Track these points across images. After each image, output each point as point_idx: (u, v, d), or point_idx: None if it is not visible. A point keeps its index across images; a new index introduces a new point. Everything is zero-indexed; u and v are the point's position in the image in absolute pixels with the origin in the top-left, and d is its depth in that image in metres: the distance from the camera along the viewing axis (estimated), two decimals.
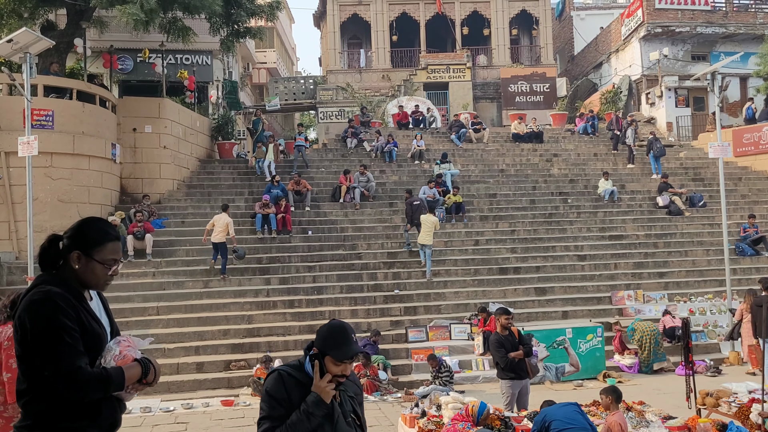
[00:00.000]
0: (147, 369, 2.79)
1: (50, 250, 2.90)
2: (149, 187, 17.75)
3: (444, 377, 11.07)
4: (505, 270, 16.29)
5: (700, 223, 19.11)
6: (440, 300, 14.94)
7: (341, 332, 2.97)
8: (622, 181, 21.18)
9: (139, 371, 2.79)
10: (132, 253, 15.21)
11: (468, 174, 21.15)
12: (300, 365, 3.04)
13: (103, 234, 2.90)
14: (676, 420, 7.14)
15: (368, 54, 32.15)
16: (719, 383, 9.63)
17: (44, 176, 14.83)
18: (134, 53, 21.59)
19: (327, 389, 2.91)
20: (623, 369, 12.53)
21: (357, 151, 22.36)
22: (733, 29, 27.53)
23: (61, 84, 16.01)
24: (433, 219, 15.60)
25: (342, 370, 2.96)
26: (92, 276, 2.87)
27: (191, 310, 13.92)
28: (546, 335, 11.99)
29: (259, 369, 11.42)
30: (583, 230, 18.38)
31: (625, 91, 28.87)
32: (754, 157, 22.52)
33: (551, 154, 23.14)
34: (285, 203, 17.08)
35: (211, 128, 21.84)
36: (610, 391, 6.17)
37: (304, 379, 2.97)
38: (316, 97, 29.03)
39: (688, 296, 15.06)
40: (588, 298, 15.32)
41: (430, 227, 15.36)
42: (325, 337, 2.99)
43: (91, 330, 2.77)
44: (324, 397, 2.90)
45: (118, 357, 2.77)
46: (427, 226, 15.37)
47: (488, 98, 30.38)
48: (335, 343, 2.95)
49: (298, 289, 15.02)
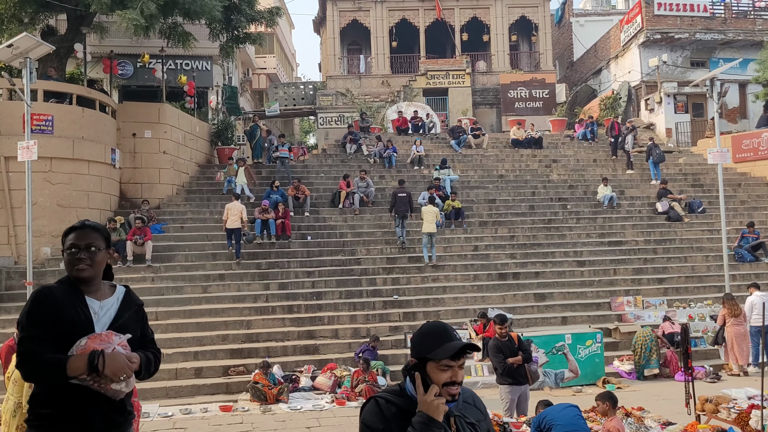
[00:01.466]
0: (92, 360, 2.86)
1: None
2: (149, 192, 17.76)
3: None
4: (505, 276, 16.27)
5: (700, 229, 19.12)
6: (439, 305, 14.93)
7: (438, 328, 2.48)
8: (622, 187, 21.20)
9: (84, 362, 2.86)
10: (131, 258, 15.20)
11: (467, 180, 21.17)
12: (400, 389, 2.52)
13: (70, 228, 3.18)
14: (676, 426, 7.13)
15: (368, 60, 32.22)
16: (718, 389, 9.62)
17: (43, 181, 14.83)
18: (134, 58, 21.62)
19: (436, 403, 2.33)
20: (622, 375, 12.51)
21: (356, 157, 22.38)
22: (732, 36, 27.60)
23: (61, 89, 16.03)
24: (434, 209, 16.39)
25: (451, 376, 2.40)
26: (67, 266, 3.13)
27: (190, 316, 13.90)
28: (545, 341, 11.96)
29: (258, 374, 11.39)
30: (583, 236, 18.38)
31: (625, 97, 28.93)
32: (753, 163, 22.54)
33: (550, 159, 23.17)
34: (284, 208, 17.08)
35: (211, 133, 21.86)
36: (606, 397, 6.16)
37: (407, 405, 2.42)
38: (315, 103, 29.08)
39: (687, 302, 15.04)
40: (587, 304, 15.30)
41: (432, 217, 16.05)
42: (420, 339, 2.48)
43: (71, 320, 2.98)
44: (434, 414, 2.32)
45: (81, 347, 2.93)
46: (429, 216, 16.05)
47: (488, 104, 30.43)
48: (434, 340, 2.43)
49: (297, 294, 15.00)
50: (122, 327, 3.11)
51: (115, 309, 3.14)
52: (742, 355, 12.17)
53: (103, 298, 3.14)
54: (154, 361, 3.24)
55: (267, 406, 10.83)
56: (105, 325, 3.07)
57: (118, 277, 14.41)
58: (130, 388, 3.08)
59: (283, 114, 30.91)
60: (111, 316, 3.11)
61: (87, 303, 3.06)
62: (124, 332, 3.08)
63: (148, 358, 3.18)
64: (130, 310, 3.20)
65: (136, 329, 3.19)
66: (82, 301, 3.06)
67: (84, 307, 3.04)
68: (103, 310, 3.11)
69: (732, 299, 12.55)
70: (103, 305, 3.12)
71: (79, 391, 2.94)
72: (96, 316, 3.06)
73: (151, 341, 3.33)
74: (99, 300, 3.12)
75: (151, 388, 11.40)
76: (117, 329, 3.08)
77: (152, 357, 3.23)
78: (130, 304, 3.23)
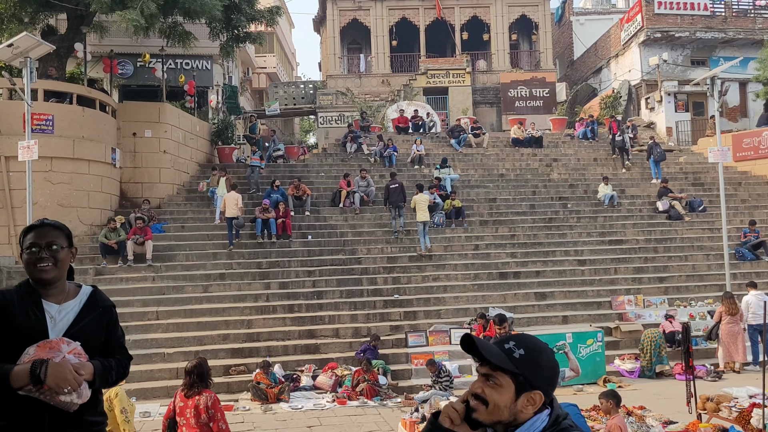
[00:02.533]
0: (35, 370, 2.69)
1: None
2: (149, 192, 17.76)
3: (444, 382, 11.04)
4: (505, 275, 16.27)
5: (700, 228, 19.11)
6: (440, 305, 14.93)
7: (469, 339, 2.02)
8: (622, 185, 21.19)
9: (27, 372, 2.69)
10: (132, 257, 15.20)
11: (468, 179, 21.16)
12: None
13: (29, 227, 3.06)
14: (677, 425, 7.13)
15: (368, 59, 32.20)
16: (720, 388, 9.62)
17: (44, 180, 14.83)
18: (134, 58, 21.61)
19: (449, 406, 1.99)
20: (623, 374, 12.50)
21: (357, 156, 22.37)
22: (733, 34, 27.58)
23: (61, 88, 16.03)
24: (425, 196, 16.87)
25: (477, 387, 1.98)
26: (25, 265, 2.97)
27: (191, 315, 13.90)
28: (546, 340, 11.83)
29: (259, 374, 11.40)
30: (583, 235, 18.37)
31: (625, 95, 28.91)
32: (754, 162, 22.53)
33: (551, 158, 23.15)
34: (285, 208, 17.08)
35: (211, 133, 21.86)
36: (610, 395, 6.16)
37: None
38: (315, 102, 29.05)
39: (688, 301, 15.05)
40: (588, 303, 15.30)
41: (424, 205, 16.52)
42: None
43: (21, 326, 2.82)
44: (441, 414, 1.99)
45: (28, 356, 2.77)
46: (422, 204, 16.52)
47: (488, 103, 30.41)
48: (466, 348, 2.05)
49: (297, 293, 15.00)
50: (81, 332, 2.90)
51: (75, 312, 2.94)
52: (737, 352, 12.19)
53: (64, 301, 2.93)
54: (116, 368, 3.01)
55: (268, 405, 10.83)
56: (61, 330, 2.88)
57: (119, 277, 14.45)
58: (83, 400, 2.83)
59: (283, 113, 30.89)
60: (69, 320, 2.91)
61: (43, 307, 2.88)
62: (83, 338, 2.88)
63: (104, 367, 2.93)
64: (93, 314, 2.98)
65: (97, 333, 2.98)
66: (38, 304, 2.87)
67: (39, 312, 2.86)
68: (61, 314, 2.91)
69: (731, 298, 12.59)
70: (62, 309, 2.92)
71: (28, 403, 2.76)
72: (52, 321, 2.87)
73: (119, 346, 3.10)
74: (58, 303, 2.92)
75: (152, 387, 11.42)
76: (74, 335, 2.88)
77: (114, 364, 3.00)
78: (95, 306, 3.01)
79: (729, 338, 12.26)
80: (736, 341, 12.19)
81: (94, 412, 3.00)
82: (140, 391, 11.12)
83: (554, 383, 2.03)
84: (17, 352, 2.78)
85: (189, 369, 5.59)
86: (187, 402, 5.49)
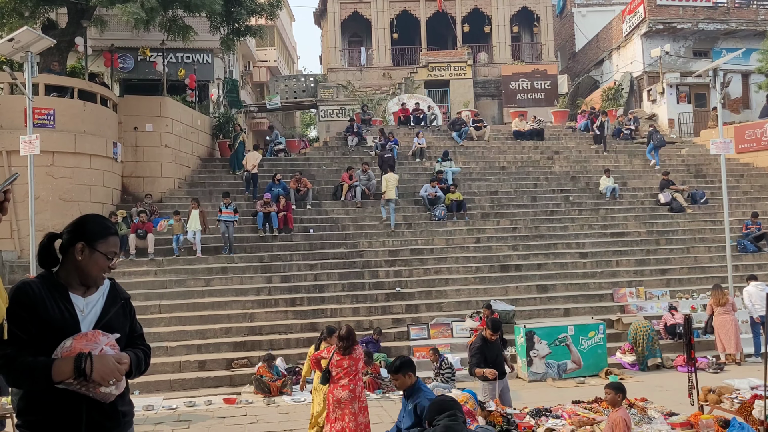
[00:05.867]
0: (79, 364, 2.68)
1: (50, 247, 2.97)
2: (151, 186, 17.76)
3: (446, 374, 11.07)
4: (507, 267, 16.28)
5: (702, 220, 19.09)
6: (442, 298, 14.94)
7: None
8: (624, 178, 21.16)
9: (71, 366, 2.69)
10: (134, 251, 15.23)
11: (469, 172, 21.13)
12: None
13: (105, 228, 3.01)
14: (679, 416, 7.14)
15: (369, 52, 32.13)
16: (721, 380, 9.63)
17: (46, 175, 14.84)
18: (135, 52, 21.59)
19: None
20: (625, 366, 12.52)
21: (358, 149, 22.35)
22: (735, 26, 27.47)
23: (62, 83, 16.02)
24: (395, 176, 17.95)
25: None
26: (95, 267, 2.93)
27: (193, 309, 13.93)
28: (548, 332, 11.98)
29: (261, 367, 11.43)
30: (585, 227, 18.36)
31: (627, 87, 28.83)
32: (756, 154, 22.48)
33: (552, 151, 23.12)
34: (286, 201, 17.08)
35: (212, 127, 21.84)
36: (616, 387, 6.14)
37: None
38: (316, 96, 29.02)
39: (689, 293, 15.04)
40: (590, 296, 15.30)
41: (392, 184, 17.49)
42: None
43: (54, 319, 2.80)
44: None
45: (66, 350, 2.75)
46: (391, 183, 17.48)
47: (489, 96, 30.36)
48: None
49: (299, 287, 15.02)
50: (109, 324, 2.94)
51: (101, 305, 2.96)
52: (729, 343, 12.21)
53: (87, 293, 2.95)
54: (144, 358, 3.06)
55: (271, 398, 10.86)
56: (91, 323, 2.90)
57: (121, 271, 14.47)
58: (120, 391, 2.88)
59: (284, 107, 30.86)
60: (97, 313, 2.93)
61: (71, 300, 2.88)
62: (111, 329, 2.91)
63: (138, 357, 2.99)
64: (116, 305, 3.02)
65: (124, 325, 3.02)
66: (66, 297, 2.87)
67: (68, 305, 2.86)
68: (89, 306, 2.93)
69: (719, 289, 12.63)
70: (88, 301, 2.94)
71: (65, 396, 2.76)
72: (81, 314, 2.88)
73: (140, 336, 3.15)
74: (83, 296, 2.93)
75: (155, 381, 11.45)
76: (104, 327, 2.91)
77: (142, 355, 3.05)
78: (117, 298, 3.04)
79: (721, 329, 12.29)
80: (728, 332, 12.21)
81: (124, 402, 3.03)
82: (143, 384, 11.15)
83: None
84: (50, 345, 2.76)
85: (344, 335, 7.28)
86: (344, 357, 7.33)
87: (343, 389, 7.30)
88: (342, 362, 7.35)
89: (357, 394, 7.28)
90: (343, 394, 7.27)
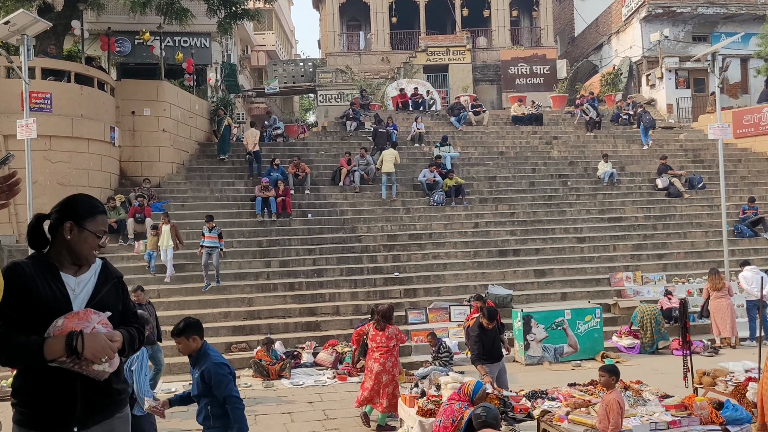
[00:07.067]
0: (71, 342, 2.69)
1: (39, 228, 2.98)
2: (148, 171, 17.74)
3: (444, 358, 11.14)
4: (505, 252, 16.33)
5: (699, 205, 19.14)
6: (440, 282, 15.00)
7: None
8: (622, 163, 21.16)
9: (62, 344, 2.70)
10: (132, 236, 15.24)
11: (468, 157, 21.12)
12: None
13: (93, 206, 3.04)
14: (673, 399, 7.21)
15: (367, 36, 31.96)
16: (716, 363, 9.71)
17: (43, 159, 14.82)
18: (132, 35, 21.43)
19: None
20: (621, 349, 12.62)
21: (356, 134, 22.31)
22: (735, 10, 27.33)
23: (58, 66, 15.94)
24: (394, 152, 18.47)
25: None
26: (85, 246, 2.95)
27: (191, 293, 13.98)
28: (545, 317, 12.06)
29: (260, 351, 11.50)
30: (583, 212, 18.40)
31: (626, 72, 28.74)
32: (754, 139, 22.47)
33: (551, 136, 23.10)
34: (284, 186, 17.08)
35: (210, 111, 21.76)
36: (610, 370, 6.21)
37: None
38: (315, 80, 28.90)
39: (686, 277, 15.11)
40: (587, 280, 15.38)
41: (390, 158, 18.13)
42: None
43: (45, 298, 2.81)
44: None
45: (58, 328, 2.76)
46: (388, 157, 18.15)
47: (488, 80, 30.25)
48: None
49: (298, 271, 15.07)
50: (101, 302, 2.95)
51: (92, 284, 2.97)
52: (724, 327, 12.30)
53: (79, 273, 2.96)
54: (137, 336, 3.07)
55: (269, 381, 10.94)
56: (83, 302, 2.91)
57: (120, 255, 14.50)
58: (114, 368, 2.89)
59: (282, 92, 30.74)
60: (89, 292, 2.95)
61: (62, 279, 2.89)
62: (103, 308, 2.92)
63: (131, 335, 3.00)
64: (108, 284, 3.03)
65: (116, 304, 3.04)
66: (57, 277, 2.88)
67: (59, 284, 2.87)
68: (80, 285, 2.94)
69: (716, 273, 12.69)
70: (80, 281, 2.95)
71: (59, 375, 2.78)
72: (73, 293, 2.90)
73: (133, 315, 3.17)
74: (74, 276, 2.94)
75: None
76: (96, 305, 2.92)
77: (135, 333, 3.06)
78: (108, 277, 3.06)
79: (716, 313, 12.38)
80: (723, 316, 12.30)
81: (119, 380, 3.05)
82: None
83: None
84: (42, 324, 2.78)
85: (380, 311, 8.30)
86: (378, 332, 8.23)
87: (375, 362, 8.12)
88: (376, 337, 8.19)
89: (387, 368, 8.06)
90: (375, 366, 8.09)
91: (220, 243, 14.02)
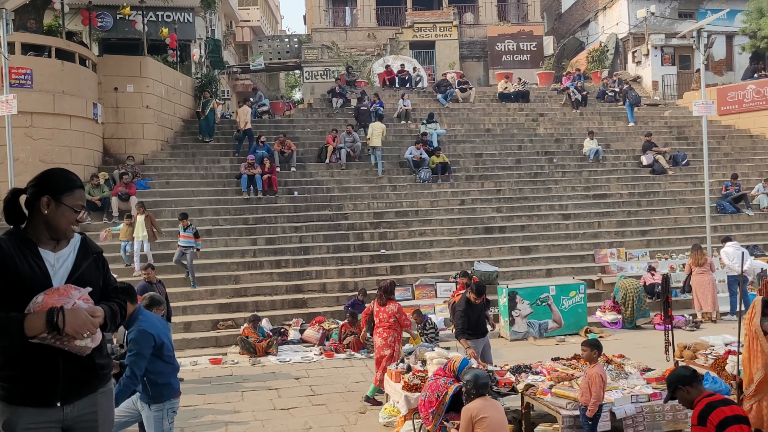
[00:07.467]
0: (51, 318, 2.68)
1: (15, 202, 2.96)
2: (132, 148, 17.56)
3: (430, 334, 11.24)
4: (491, 229, 16.42)
5: (683, 182, 19.30)
6: (426, 259, 15.08)
7: None
8: (608, 140, 21.24)
9: (42, 320, 2.69)
10: (117, 214, 15.14)
11: (454, 134, 21.10)
12: None
13: (70, 180, 3.01)
14: (654, 372, 7.34)
15: (353, 12, 31.62)
16: (697, 337, 9.88)
17: (25, 136, 14.62)
18: (113, 10, 21.04)
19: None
20: (605, 324, 12.79)
21: (342, 111, 22.18)
22: None
23: (39, 41, 15.65)
24: (381, 126, 18.74)
25: None
26: (63, 220, 2.93)
27: (177, 271, 13.93)
28: (530, 292, 12.18)
29: (247, 328, 11.54)
30: (568, 189, 18.51)
31: (612, 49, 28.73)
32: (738, 116, 22.63)
33: (537, 113, 23.10)
34: (270, 164, 17.00)
35: (195, 88, 21.51)
36: (592, 344, 6.31)
37: None
38: (300, 57, 28.63)
39: (669, 253, 15.29)
40: (571, 256, 15.53)
41: (378, 132, 18.33)
42: None
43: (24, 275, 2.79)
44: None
45: (38, 305, 2.75)
46: (376, 131, 18.34)
47: (475, 57, 30.12)
48: None
49: (284, 249, 15.08)
50: (81, 278, 2.92)
51: (72, 259, 2.95)
52: (705, 302, 12.51)
53: (57, 248, 2.93)
54: (119, 311, 3.05)
55: (256, 358, 11.00)
56: (63, 278, 2.88)
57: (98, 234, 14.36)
58: (96, 343, 2.88)
59: (267, 68, 30.43)
60: (68, 268, 2.92)
61: (41, 255, 2.87)
62: (83, 284, 2.89)
63: (112, 310, 2.99)
64: (88, 259, 3.00)
65: (97, 279, 3.01)
66: (35, 253, 2.86)
67: (38, 260, 2.85)
68: (60, 261, 2.91)
69: (698, 249, 12.88)
70: (59, 256, 2.92)
71: (41, 351, 2.77)
72: (52, 269, 2.87)
73: (114, 290, 3.14)
74: (53, 251, 2.91)
75: None
76: (76, 281, 2.89)
77: (117, 308, 3.04)
78: (88, 252, 3.03)
79: (698, 288, 12.59)
80: (705, 291, 12.51)
81: (102, 355, 3.05)
82: None
83: None
84: (22, 301, 2.76)
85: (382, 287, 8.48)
86: (381, 308, 8.36)
87: (378, 336, 8.38)
88: (379, 313, 8.39)
89: (389, 343, 8.28)
90: (378, 340, 8.36)
91: (197, 243, 13.33)
